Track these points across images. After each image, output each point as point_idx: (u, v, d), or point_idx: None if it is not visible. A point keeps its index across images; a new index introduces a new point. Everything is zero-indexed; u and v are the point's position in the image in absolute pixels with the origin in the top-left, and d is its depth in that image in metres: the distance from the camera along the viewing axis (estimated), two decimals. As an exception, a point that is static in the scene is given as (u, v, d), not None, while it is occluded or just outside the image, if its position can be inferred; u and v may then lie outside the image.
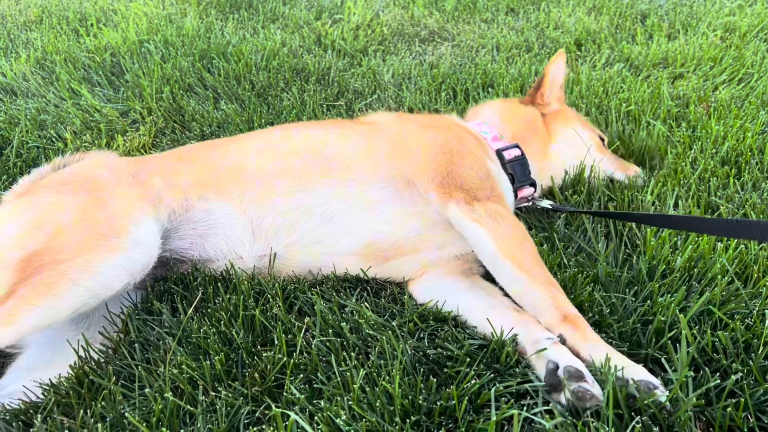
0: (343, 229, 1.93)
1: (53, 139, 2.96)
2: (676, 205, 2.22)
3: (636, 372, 1.41)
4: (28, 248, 1.67)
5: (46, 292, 1.57)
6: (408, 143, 2.07)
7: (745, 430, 1.35)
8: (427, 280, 1.94)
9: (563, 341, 1.55)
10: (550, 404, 1.41)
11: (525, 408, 1.42)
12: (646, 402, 1.32)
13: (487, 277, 1.92)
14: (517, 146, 2.28)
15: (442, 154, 2.01)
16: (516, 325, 1.63)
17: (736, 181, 2.33)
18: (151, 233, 1.82)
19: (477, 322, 1.73)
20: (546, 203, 2.25)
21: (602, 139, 2.59)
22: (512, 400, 1.44)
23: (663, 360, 1.53)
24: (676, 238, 1.97)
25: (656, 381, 1.39)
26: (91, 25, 4.33)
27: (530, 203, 2.28)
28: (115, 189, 1.88)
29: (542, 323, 1.63)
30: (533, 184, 2.24)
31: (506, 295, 1.79)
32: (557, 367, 1.43)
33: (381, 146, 2.06)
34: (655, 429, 1.28)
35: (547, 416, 1.36)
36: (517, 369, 1.53)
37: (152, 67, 3.50)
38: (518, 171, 2.22)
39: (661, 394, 1.34)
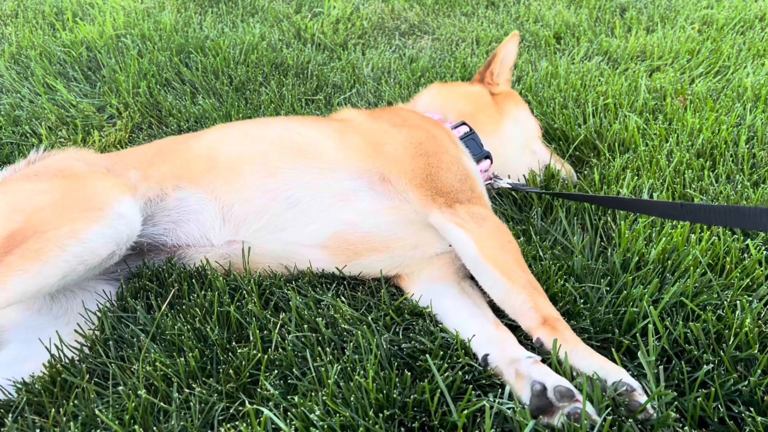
0: (309, 216, 1.88)
1: (28, 135, 2.91)
2: (651, 198, 2.23)
3: (616, 374, 1.40)
4: (7, 229, 1.66)
5: (34, 258, 1.57)
6: (383, 142, 2.03)
7: (716, 419, 1.37)
8: (413, 284, 1.92)
9: (541, 344, 1.54)
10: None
11: (497, 400, 1.42)
12: (620, 401, 1.33)
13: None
14: (464, 123, 2.31)
15: (419, 156, 1.97)
16: (488, 342, 1.59)
17: (710, 173, 2.35)
18: (132, 209, 1.83)
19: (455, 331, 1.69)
20: (505, 183, 2.27)
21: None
22: (482, 393, 1.44)
23: (634, 348, 1.55)
24: (650, 231, 1.99)
25: (635, 384, 1.37)
26: (68, 19, 4.28)
27: (492, 180, 2.30)
28: (91, 175, 1.88)
29: (522, 326, 1.62)
30: (488, 156, 2.27)
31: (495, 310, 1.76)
32: (545, 388, 1.36)
33: (355, 142, 2.03)
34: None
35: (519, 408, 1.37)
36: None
37: (129, 62, 3.46)
38: (471, 146, 2.24)
39: (640, 396, 1.34)
